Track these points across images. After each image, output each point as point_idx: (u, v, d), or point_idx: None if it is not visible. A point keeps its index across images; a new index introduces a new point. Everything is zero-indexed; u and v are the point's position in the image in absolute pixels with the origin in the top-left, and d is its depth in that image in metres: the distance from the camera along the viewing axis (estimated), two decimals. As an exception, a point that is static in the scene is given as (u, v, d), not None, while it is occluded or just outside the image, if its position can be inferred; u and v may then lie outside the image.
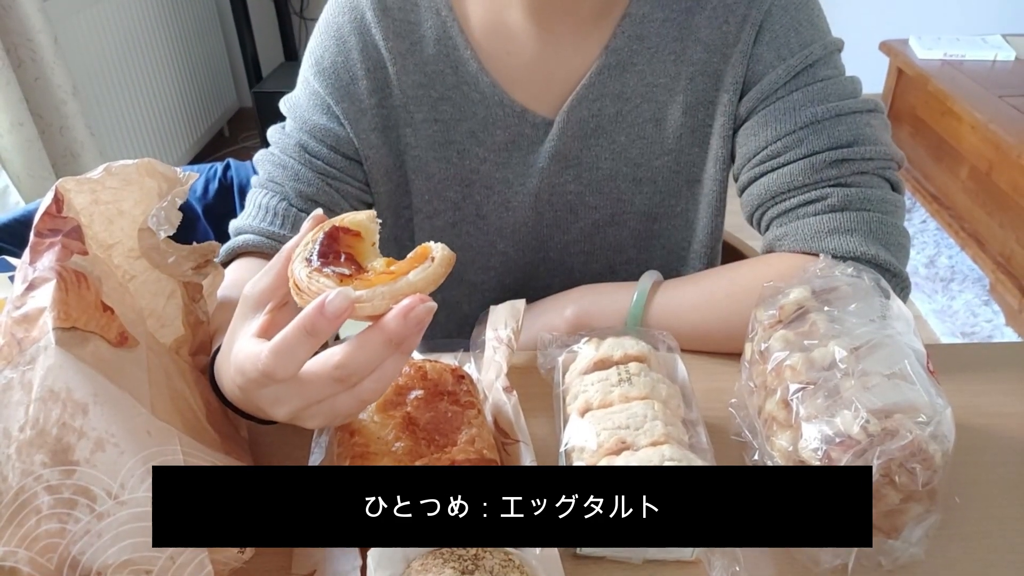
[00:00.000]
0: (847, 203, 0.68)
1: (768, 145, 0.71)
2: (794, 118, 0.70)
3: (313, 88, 0.77)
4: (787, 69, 0.71)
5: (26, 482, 0.43)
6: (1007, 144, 2.07)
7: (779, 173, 0.71)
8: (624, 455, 0.50)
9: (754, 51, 0.72)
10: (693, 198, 0.81)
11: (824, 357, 0.51)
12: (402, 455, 0.51)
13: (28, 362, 0.45)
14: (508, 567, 0.45)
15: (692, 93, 0.75)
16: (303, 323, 0.42)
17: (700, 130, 0.77)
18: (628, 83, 0.75)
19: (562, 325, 0.72)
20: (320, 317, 0.41)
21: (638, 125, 0.76)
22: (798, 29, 0.71)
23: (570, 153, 0.77)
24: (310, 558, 0.52)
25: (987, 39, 2.67)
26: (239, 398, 0.50)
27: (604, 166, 0.78)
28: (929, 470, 0.46)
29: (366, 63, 0.76)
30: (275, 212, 0.75)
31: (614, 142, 0.77)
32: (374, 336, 0.42)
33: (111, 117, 2.32)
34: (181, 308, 0.58)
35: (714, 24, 0.72)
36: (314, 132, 0.77)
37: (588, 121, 0.76)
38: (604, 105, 0.75)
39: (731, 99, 0.74)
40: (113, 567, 0.43)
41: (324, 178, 0.77)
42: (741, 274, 0.71)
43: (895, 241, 0.68)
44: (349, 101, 0.76)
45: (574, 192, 0.80)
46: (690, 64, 0.74)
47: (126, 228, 0.55)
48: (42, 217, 0.50)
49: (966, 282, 2.30)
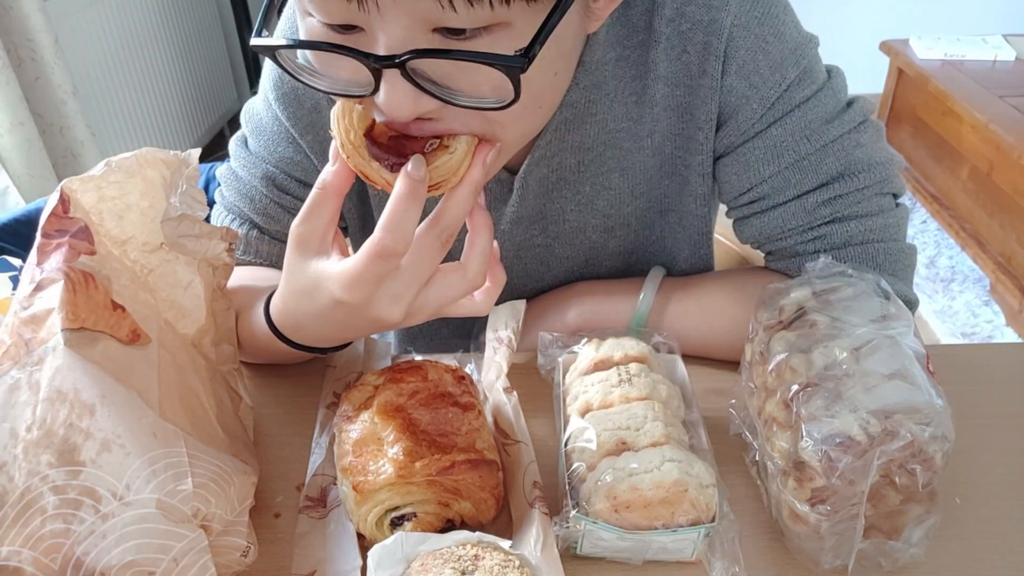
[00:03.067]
0: (848, 239, 0.66)
1: (753, 186, 0.68)
2: (777, 158, 0.65)
3: (275, 113, 0.72)
4: (761, 101, 0.64)
5: (32, 482, 0.43)
6: (1007, 144, 2.07)
7: (770, 215, 0.68)
8: (624, 455, 0.50)
9: (723, 83, 0.65)
10: (669, 228, 0.76)
11: (824, 358, 0.51)
12: (402, 456, 0.51)
13: (36, 363, 0.45)
14: (508, 567, 0.46)
15: (659, 132, 0.69)
16: (402, 191, 0.45)
17: (670, 165, 0.71)
18: (588, 133, 0.68)
19: (564, 330, 0.72)
20: (412, 181, 0.45)
21: (603, 175, 0.71)
22: (765, 49, 0.63)
23: (534, 211, 0.73)
24: (310, 558, 0.52)
25: (987, 39, 2.67)
26: (323, 327, 0.54)
27: (571, 219, 0.73)
28: (929, 471, 0.46)
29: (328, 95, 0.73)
30: (246, 241, 0.74)
31: (578, 193, 0.72)
32: (460, 188, 0.48)
33: (111, 117, 2.32)
34: (203, 297, 0.58)
35: (671, 56, 0.65)
36: (280, 164, 0.73)
37: (548, 177, 0.70)
38: (564, 159, 0.69)
39: (707, 136, 0.68)
40: (117, 568, 0.43)
41: (293, 214, 0.74)
42: (747, 293, 0.68)
43: (901, 266, 0.67)
44: (313, 133, 0.71)
45: (542, 245, 0.76)
46: (653, 104, 0.67)
47: (136, 221, 0.55)
48: (48, 218, 0.50)
49: (966, 282, 2.30)
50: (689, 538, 0.49)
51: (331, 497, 0.56)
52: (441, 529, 0.54)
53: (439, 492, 0.52)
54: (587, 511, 0.49)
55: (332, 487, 0.57)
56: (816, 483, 0.48)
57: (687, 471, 0.48)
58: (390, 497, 0.51)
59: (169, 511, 0.45)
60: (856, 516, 0.47)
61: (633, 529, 0.48)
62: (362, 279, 0.47)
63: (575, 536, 0.50)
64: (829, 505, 0.47)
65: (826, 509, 0.47)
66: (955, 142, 2.40)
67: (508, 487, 0.55)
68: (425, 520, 0.53)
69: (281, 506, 0.57)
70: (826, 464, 0.46)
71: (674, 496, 0.47)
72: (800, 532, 0.50)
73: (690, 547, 0.50)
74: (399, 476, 0.50)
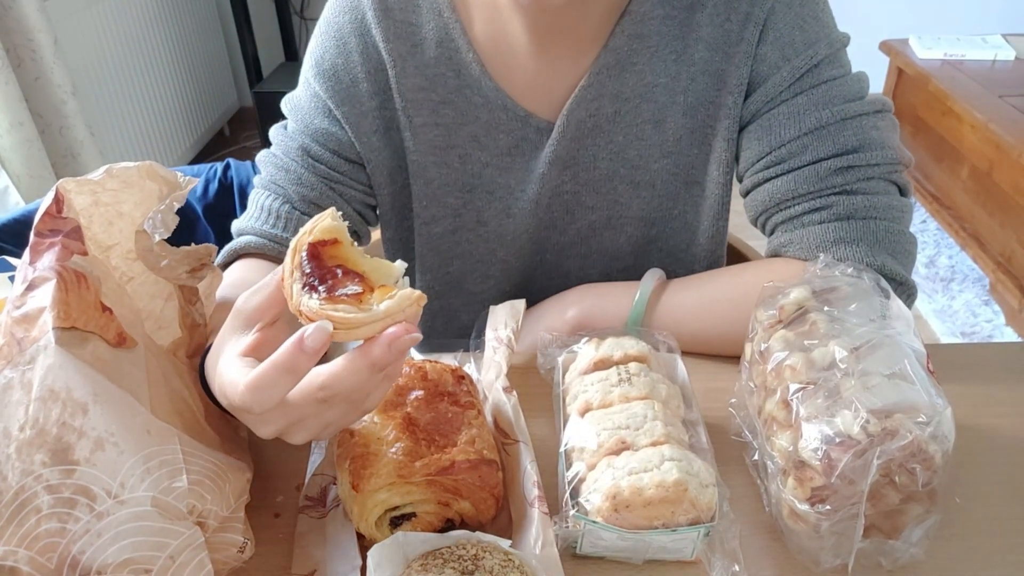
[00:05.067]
0: (852, 212, 0.68)
1: (772, 150, 0.70)
2: (799, 123, 0.69)
3: (314, 90, 0.76)
4: (792, 70, 0.69)
5: (26, 481, 0.43)
6: (1007, 144, 2.07)
7: (784, 180, 0.70)
8: (624, 455, 0.50)
9: (758, 51, 0.70)
10: (692, 201, 0.79)
11: (824, 357, 0.51)
12: (402, 456, 0.51)
13: (28, 362, 0.45)
14: (508, 567, 0.45)
15: (693, 93, 0.73)
16: (281, 360, 0.41)
17: (701, 131, 0.75)
18: (627, 82, 0.73)
19: (564, 328, 0.72)
20: (300, 354, 0.41)
21: (637, 126, 0.75)
22: (802, 27, 0.69)
23: (568, 154, 0.76)
24: (310, 558, 0.52)
25: (987, 39, 2.67)
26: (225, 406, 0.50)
27: (602, 166, 0.77)
28: (929, 470, 0.46)
29: (367, 65, 0.75)
30: (277, 215, 0.75)
31: (612, 142, 0.76)
32: (359, 360, 0.42)
33: (111, 117, 2.32)
34: (178, 310, 0.58)
35: (716, 22, 0.70)
36: (316, 136, 0.76)
37: (586, 121, 0.74)
38: (602, 105, 0.74)
39: (735, 101, 0.72)
40: (113, 566, 0.43)
41: (327, 182, 0.76)
42: (744, 279, 0.71)
43: (901, 248, 0.68)
44: (350, 104, 0.75)
45: (571, 192, 0.79)
46: (691, 63, 0.72)
47: (125, 230, 0.55)
48: (42, 217, 0.50)
49: (966, 282, 2.29)
50: (689, 538, 0.49)
51: (331, 497, 0.56)
52: (441, 529, 0.53)
53: (439, 492, 0.52)
54: (587, 511, 0.49)
55: (332, 487, 0.56)
56: (816, 482, 0.47)
57: (687, 470, 0.48)
58: (390, 497, 0.51)
59: (164, 508, 0.45)
60: (856, 515, 0.47)
61: (633, 528, 0.48)
62: (231, 397, 0.45)
63: (575, 536, 0.50)
64: (829, 504, 0.47)
65: (826, 508, 0.47)
66: (955, 142, 2.40)
67: (508, 487, 0.55)
68: (425, 520, 0.53)
69: (281, 506, 0.57)
70: (826, 463, 0.46)
71: (674, 495, 0.47)
72: (800, 531, 0.50)
73: (690, 547, 0.50)
74: (399, 476, 0.50)
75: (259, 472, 0.58)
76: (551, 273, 0.85)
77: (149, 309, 0.56)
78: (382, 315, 0.43)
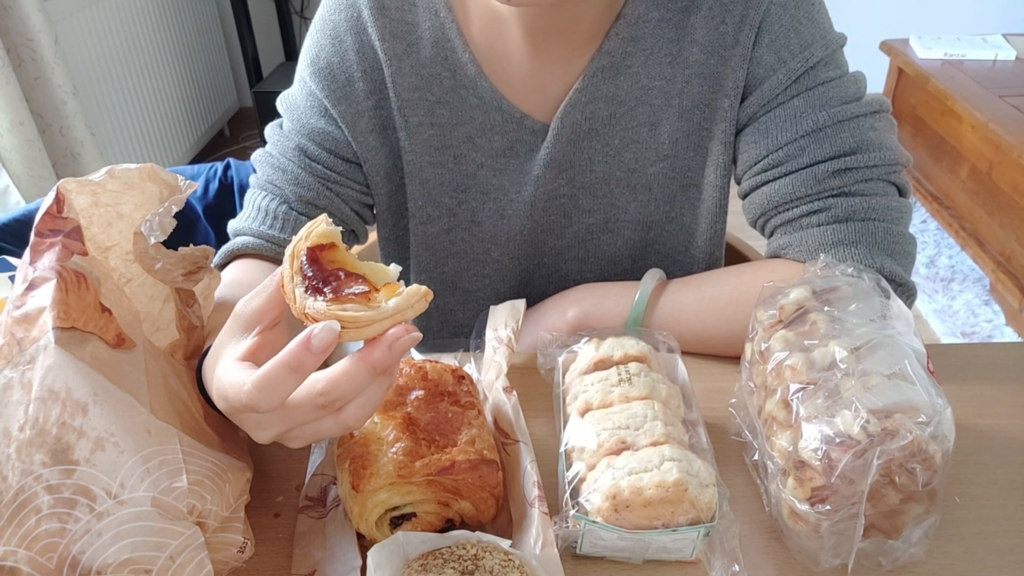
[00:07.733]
0: (851, 214, 0.67)
1: (769, 153, 0.70)
2: (795, 126, 0.69)
3: (310, 89, 0.76)
4: (788, 73, 0.69)
5: (26, 482, 0.43)
6: (1007, 144, 2.07)
7: (781, 183, 0.70)
8: (624, 455, 0.50)
9: (754, 54, 0.70)
10: (689, 204, 0.79)
11: (824, 357, 0.51)
12: (402, 456, 0.51)
13: (28, 362, 0.45)
14: (508, 567, 0.45)
15: (689, 96, 0.73)
16: (288, 359, 0.41)
17: (697, 135, 0.75)
18: (622, 85, 0.73)
19: (564, 328, 0.72)
20: (306, 353, 0.41)
21: (632, 129, 0.75)
22: (798, 28, 0.69)
23: (563, 157, 0.76)
24: (310, 558, 0.52)
25: (987, 39, 2.67)
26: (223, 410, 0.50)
27: (598, 169, 0.77)
28: (929, 470, 0.46)
29: (363, 64, 0.74)
30: (274, 215, 0.74)
31: (607, 145, 0.75)
32: (358, 364, 0.42)
33: (111, 117, 2.32)
34: (175, 313, 0.58)
35: (711, 25, 0.70)
36: (312, 135, 0.76)
37: (581, 124, 0.74)
38: (597, 108, 0.73)
39: (732, 104, 0.72)
40: (113, 566, 0.43)
41: (324, 182, 0.76)
42: (744, 279, 0.71)
43: (901, 250, 0.68)
44: (346, 104, 0.75)
45: (567, 195, 0.78)
46: (686, 66, 0.72)
47: (124, 231, 0.55)
48: (43, 217, 0.50)
49: (966, 282, 2.29)
50: (689, 537, 0.49)
51: (331, 497, 0.56)
52: (441, 529, 0.53)
53: (439, 492, 0.52)
54: (587, 511, 0.49)
55: (332, 487, 0.56)
56: (816, 482, 0.47)
57: (687, 470, 0.48)
58: (390, 497, 0.51)
59: (164, 508, 0.45)
60: (856, 515, 0.47)
61: (633, 528, 0.48)
62: (232, 401, 0.44)
63: (575, 536, 0.50)
64: (829, 504, 0.47)
65: (826, 508, 0.47)
66: (955, 141, 2.40)
67: (508, 487, 0.55)
68: (425, 520, 0.53)
69: (281, 506, 0.57)
70: (826, 463, 0.46)
71: (674, 495, 0.47)
72: (800, 531, 0.50)
73: (690, 546, 0.50)
74: (399, 476, 0.50)
75: (259, 472, 0.58)
76: (549, 276, 0.85)
77: (147, 311, 0.56)
78: (391, 312, 0.43)
